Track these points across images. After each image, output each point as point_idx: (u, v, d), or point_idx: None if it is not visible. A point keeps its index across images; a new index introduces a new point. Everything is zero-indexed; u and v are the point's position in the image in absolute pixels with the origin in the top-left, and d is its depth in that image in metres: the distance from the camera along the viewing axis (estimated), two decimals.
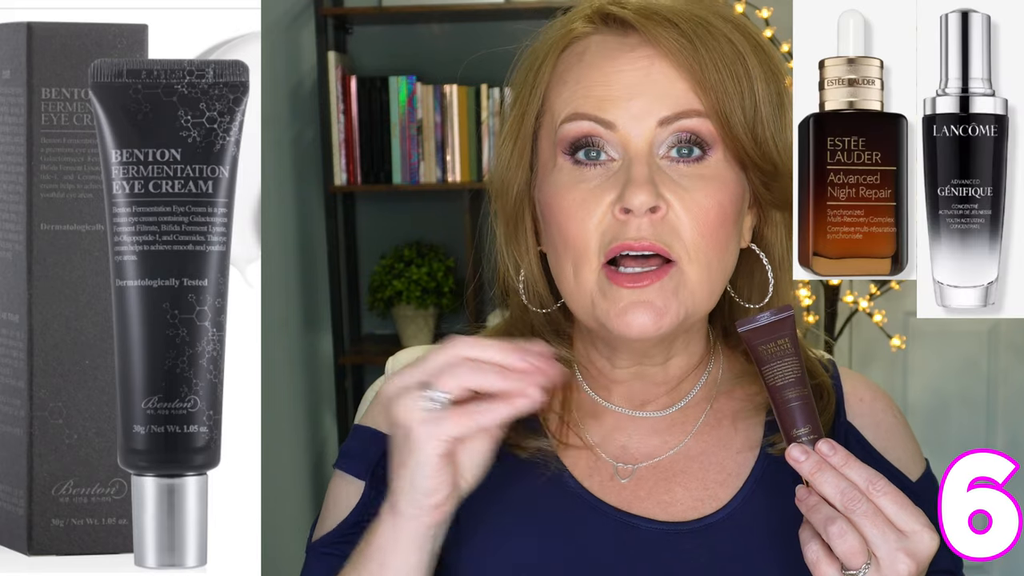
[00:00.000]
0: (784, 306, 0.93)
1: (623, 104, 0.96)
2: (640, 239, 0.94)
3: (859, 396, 1.08)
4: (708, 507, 1.00)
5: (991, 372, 3.26)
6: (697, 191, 0.96)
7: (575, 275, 0.97)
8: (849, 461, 0.88)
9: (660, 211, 0.94)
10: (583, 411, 1.06)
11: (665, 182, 0.95)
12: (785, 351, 0.91)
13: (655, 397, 1.05)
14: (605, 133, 0.96)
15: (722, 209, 0.96)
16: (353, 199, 3.29)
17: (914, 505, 0.88)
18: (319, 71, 3.08)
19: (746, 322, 0.92)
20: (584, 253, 0.96)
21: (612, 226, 0.95)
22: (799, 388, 0.90)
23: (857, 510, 0.86)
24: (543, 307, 1.05)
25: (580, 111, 0.97)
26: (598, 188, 0.96)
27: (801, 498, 0.89)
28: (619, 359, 1.04)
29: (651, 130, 0.96)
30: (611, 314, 0.96)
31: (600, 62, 0.98)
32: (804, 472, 0.89)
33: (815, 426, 0.90)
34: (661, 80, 0.96)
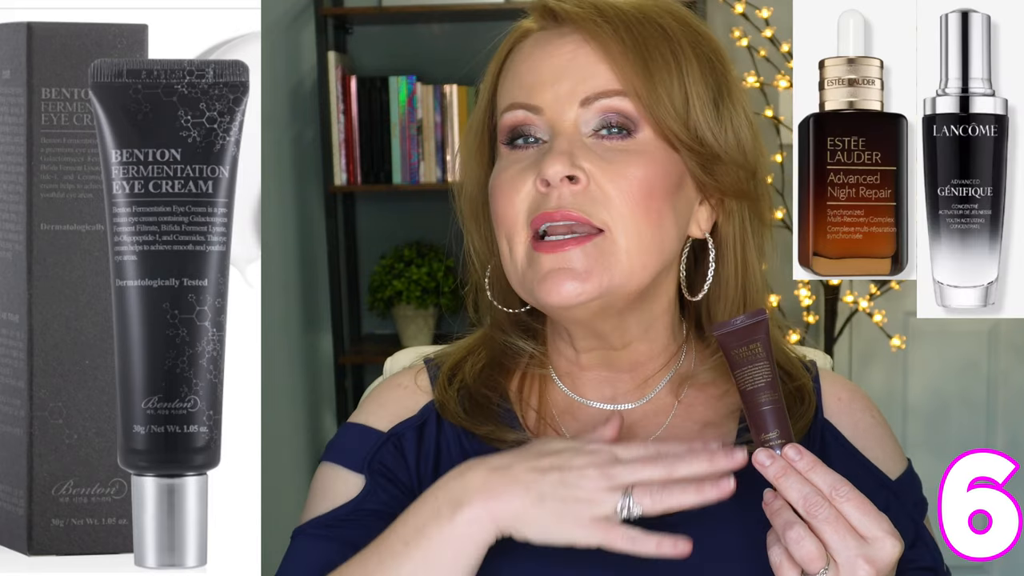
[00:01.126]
0: (758, 310, 0.93)
1: (549, 88, 0.99)
2: (559, 208, 0.96)
3: (837, 395, 1.08)
4: None
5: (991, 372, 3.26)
6: (621, 163, 0.98)
7: (510, 252, 1.00)
8: (815, 467, 0.89)
9: (580, 182, 0.96)
10: (559, 408, 1.07)
11: (588, 156, 0.98)
12: (756, 355, 0.91)
13: (624, 389, 1.06)
14: (535, 119, 1.00)
15: (648, 181, 0.97)
16: (353, 199, 3.29)
17: (878, 512, 0.88)
18: (319, 71, 3.08)
19: (720, 326, 0.92)
20: (513, 227, 0.99)
21: (536, 199, 0.98)
22: (770, 392, 0.90)
23: (819, 515, 0.87)
24: (510, 306, 1.07)
25: (514, 100, 1.01)
26: (526, 167, 0.99)
27: (767, 501, 0.90)
28: (577, 341, 1.05)
29: (575, 110, 0.99)
30: (536, 283, 0.98)
31: (534, 52, 1.02)
32: (769, 476, 0.89)
33: (784, 430, 0.90)
34: (585, 63, 0.99)
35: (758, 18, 2.68)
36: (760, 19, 2.68)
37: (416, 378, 1.11)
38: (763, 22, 2.67)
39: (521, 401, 1.07)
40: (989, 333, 3.23)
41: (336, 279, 3.16)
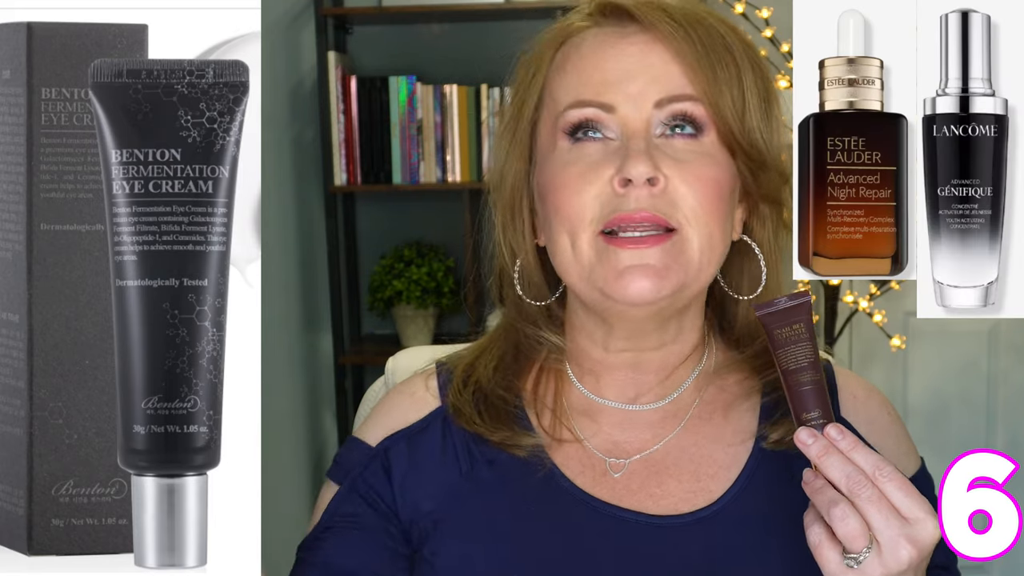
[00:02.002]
0: (802, 292, 0.94)
1: (621, 87, 0.99)
2: (639, 210, 0.96)
3: (853, 393, 1.08)
4: (701, 500, 1.01)
5: (991, 372, 3.26)
6: (695, 163, 0.98)
7: (572, 245, 0.99)
8: (857, 447, 0.89)
9: (659, 183, 0.97)
10: (575, 408, 1.06)
11: (662, 157, 0.98)
12: (800, 336, 0.91)
13: (648, 388, 1.06)
14: (605, 117, 0.99)
15: (719, 184, 0.99)
16: (353, 199, 3.29)
17: (919, 493, 0.88)
18: (319, 71, 3.08)
19: (764, 306, 0.93)
20: (580, 223, 0.98)
21: (611, 198, 0.97)
22: (812, 372, 0.91)
23: (862, 495, 0.87)
24: (538, 299, 1.07)
25: (582, 98, 1.00)
26: (597, 163, 0.99)
27: (807, 480, 0.90)
28: (614, 341, 1.05)
29: (648, 111, 0.99)
30: (610, 278, 0.97)
31: (598, 49, 1.01)
32: (811, 455, 0.89)
33: (825, 410, 0.91)
34: (657, 63, 0.99)
35: (758, 18, 2.68)
36: (760, 19, 2.68)
37: (427, 383, 1.11)
38: (763, 22, 2.67)
39: (536, 400, 1.07)
40: (989, 333, 3.23)
41: (336, 279, 3.16)
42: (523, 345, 1.08)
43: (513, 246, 1.07)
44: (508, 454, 1.03)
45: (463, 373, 1.09)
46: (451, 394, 1.08)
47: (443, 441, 1.06)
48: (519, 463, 1.03)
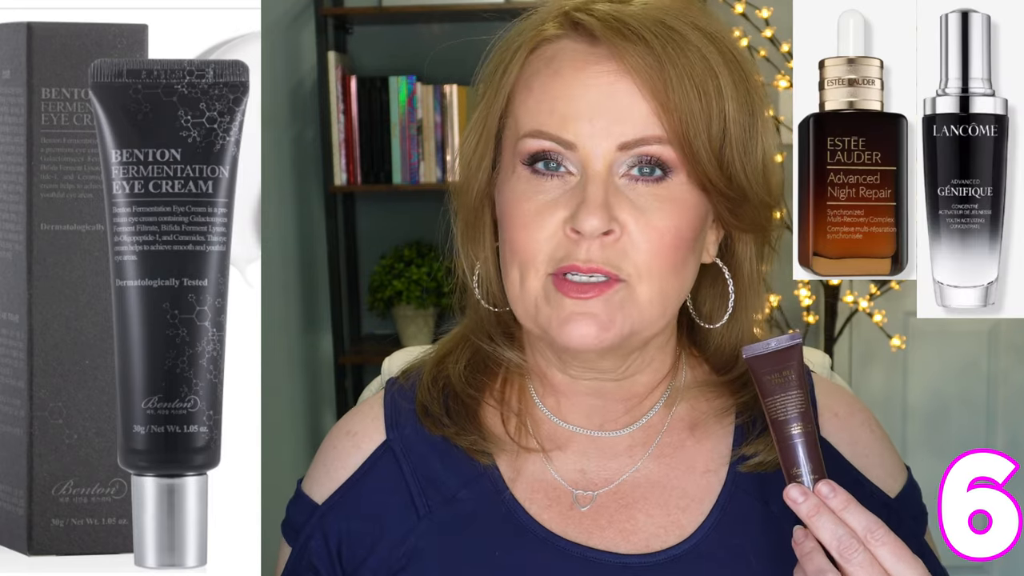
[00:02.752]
0: (793, 334, 0.91)
1: (584, 124, 0.93)
2: (588, 261, 0.93)
3: (834, 412, 1.05)
4: (672, 536, 0.98)
5: (991, 372, 3.26)
6: (654, 212, 0.94)
7: (521, 281, 0.96)
8: (849, 505, 0.86)
9: (613, 235, 0.93)
10: (540, 432, 1.03)
11: (622, 203, 0.93)
12: (789, 383, 0.89)
13: (614, 416, 1.03)
14: (565, 152, 0.94)
15: (679, 232, 0.94)
16: (353, 199, 3.29)
17: (913, 556, 0.86)
18: (319, 71, 3.08)
19: (752, 348, 0.90)
20: (531, 263, 0.95)
21: (563, 243, 0.94)
22: (802, 423, 0.88)
23: (853, 559, 0.85)
24: (496, 306, 1.04)
25: (542, 129, 0.95)
26: (552, 202, 0.94)
27: (798, 541, 0.88)
28: (572, 369, 1.02)
29: (611, 152, 0.93)
30: (553, 322, 0.94)
31: (566, 72, 0.95)
32: (802, 514, 0.87)
33: (816, 464, 0.88)
34: (624, 100, 0.93)
35: (758, 18, 2.68)
36: (760, 19, 2.68)
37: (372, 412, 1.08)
38: (763, 22, 2.67)
39: (503, 404, 1.04)
40: (989, 333, 3.23)
41: (336, 279, 3.16)
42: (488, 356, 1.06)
43: (472, 253, 1.04)
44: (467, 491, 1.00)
45: (433, 370, 1.06)
46: (419, 391, 1.05)
47: (394, 480, 1.03)
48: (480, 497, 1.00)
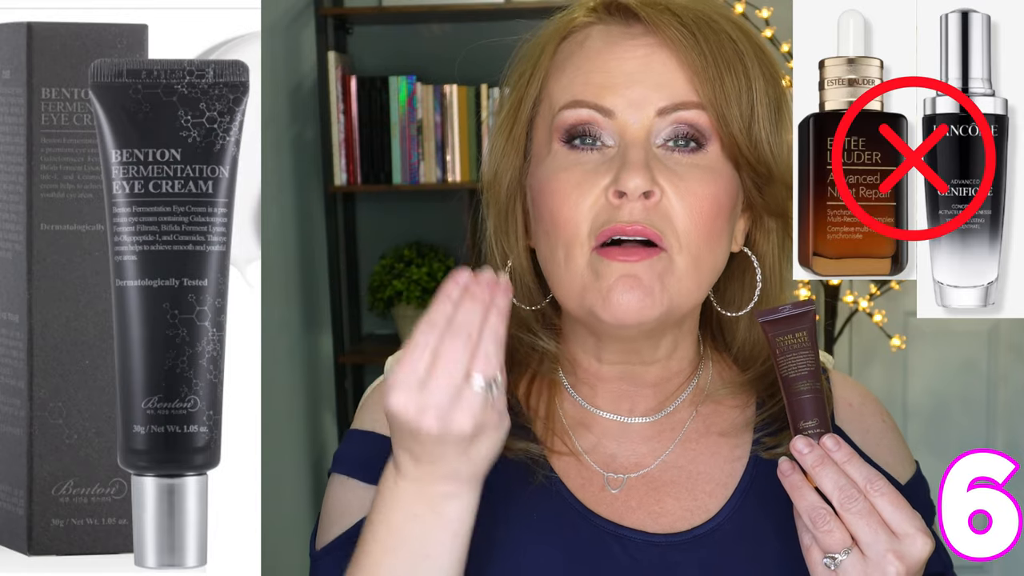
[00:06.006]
0: (806, 300, 0.93)
1: (622, 92, 0.95)
2: (632, 223, 0.93)
3: (848, 401, 1.07)
4: (698, 518, 1.00)
5: (991, 372, 3.26)
6: (693, 180, 0.95)
7: (566, 259, 0.96)
8: (852, 458, 0.89)
9: (654, 196, 0.93)
10: (571, 418, 1.04)
11: (660, 169, 0.94)
12: (802, 344, 0.91)
13: (642, 401, 1.04)
14: (603, 121, 0.95)
15: (717, 200, 0.95)
16: (353, 199, 3.29)
17: (911, 508, 0.88)
18: (319, 71, 3.08)
19: (766, 312, 0.92)
20: (575, 236, 0.95)
21: (605, 209, 0.94)
22: (811, 381, 0.91)
23: (852, 508, 0.87)
24: (531, 304, 1.04)
25: (579, 98, 0.96)
26: (593, 172, 0.95)
27: (785, 473, 0.90)
28: (606, 353, 1.02)
29: (649, 119, 0.95)
30: (599, 298, 0.94)
31: (601, 49, 0.97)
32: (806, 465, 0.89)
33: (823, 420, 0.91)
34: (661, 69, 0.95)
35: (758, 18, 2.69)
36: (760, 19, 2.68)
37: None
38: (763, 22, 2.67)
39: (528, 409, 1.04)
40: (989, 333, 3.23)
41: (336, 279, 3.16)
42: (516, 352, 1.05)
43: (505, 248, 1.04)
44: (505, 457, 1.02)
45: None
46: None
47: None
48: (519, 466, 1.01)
